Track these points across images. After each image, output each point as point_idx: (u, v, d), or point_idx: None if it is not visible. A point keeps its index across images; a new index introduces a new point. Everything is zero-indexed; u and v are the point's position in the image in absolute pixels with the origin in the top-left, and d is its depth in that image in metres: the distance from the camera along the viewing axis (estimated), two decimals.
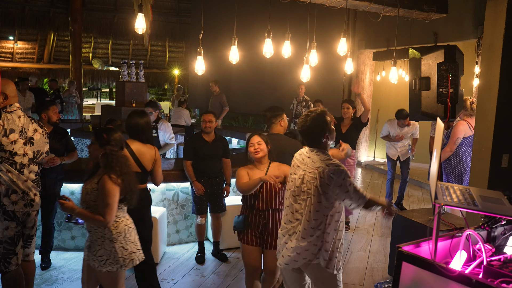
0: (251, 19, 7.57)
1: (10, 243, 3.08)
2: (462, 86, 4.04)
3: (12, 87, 3.11)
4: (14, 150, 3.02)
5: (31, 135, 3.16)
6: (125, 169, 2.80)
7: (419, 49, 3.90)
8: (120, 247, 2.81)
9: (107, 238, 2.79)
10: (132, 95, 7.54)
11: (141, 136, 3.52)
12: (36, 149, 3.19)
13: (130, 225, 2.93)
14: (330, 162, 2.59)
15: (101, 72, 16.83)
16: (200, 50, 4.04)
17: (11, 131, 3.00)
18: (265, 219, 3.27)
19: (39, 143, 3.22)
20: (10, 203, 3.05)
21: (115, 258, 2.79)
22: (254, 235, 3.30)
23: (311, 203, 2.58)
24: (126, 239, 2.85)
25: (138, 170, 3.41)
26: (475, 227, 2.36)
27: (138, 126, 3.51)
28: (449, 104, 3.54)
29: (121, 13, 15.42)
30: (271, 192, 3.25)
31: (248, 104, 11.19)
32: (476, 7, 6.55)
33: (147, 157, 3.50)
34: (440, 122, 2.63)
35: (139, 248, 2.94)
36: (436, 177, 2.16)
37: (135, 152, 3.45)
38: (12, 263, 3.10)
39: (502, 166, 4.01)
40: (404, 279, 2.15)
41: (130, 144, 3.45)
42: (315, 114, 2.70)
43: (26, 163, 3.11)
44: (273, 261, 3.24)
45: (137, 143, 3.50)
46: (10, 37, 15.03)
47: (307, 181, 2.61)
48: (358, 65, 9.60)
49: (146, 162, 3.50)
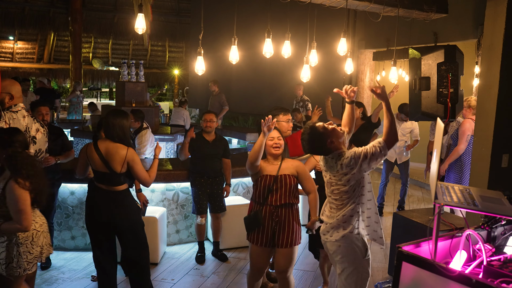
0: (251, 19, 7.57)
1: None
2: (462, 86, 4.04)
3: (18, 87, 3.23)
4: None
5: (34, 134, 3.25)
6: (32, 171, 2.69)
7: (419, 49, 3.90)
8: (26, 251, 2.75)
9: (13, 241, 2.72)
10: (132, 95, 7.54)
11: (113, 135, 3.30)
12: (37, 148, 3.28)
13: (38, 228, 2.86)
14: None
15: (101, 72, 16.85)
16: (200, 50, 4.04)
17: None
18: (278, 216, 3.16)
19: (40, 142, 3.32)
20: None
21: (19, 262, 2.72)
22: (265, 234, 3.16)
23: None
24: (33, 243, 2.79)
25: (106, 170, 3.25)
26: (475, 227, 2.36)
27: (109, 124, 3.30)
28: (449, 104, 3.54)
29: (121, 13, 15.44)
30: (286, 186, 3.17)
31: (248, 104, 11.17)
32: (476, 7, 6.55)
33: (115, 158, 3.25)
34: (440, 122, 2.63)
35: (44, 250, 2.89)
36: (436, 177, 2.16)
37: (102, 151, 3.26)
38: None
39: (502, 166, 4.02)
40: (404, 279, 2.15)
41: (99, 144, 3.30)
42: (306, 134, 2.81)
43: None
44: (285, 262, 3.19)
45: (108, 142, 3.30)
46: (10, 37, 15.05)
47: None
48: (358, 65, 9.60)
49: (114, 163, 3.24)
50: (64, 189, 4.58)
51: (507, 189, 2.54)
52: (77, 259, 4.52)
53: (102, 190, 3.33)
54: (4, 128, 2.98)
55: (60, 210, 4.65)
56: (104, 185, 3.32)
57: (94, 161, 3.28)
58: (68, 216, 4.69)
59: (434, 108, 3.78)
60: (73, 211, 4.69)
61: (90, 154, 3.28)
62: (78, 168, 3.42)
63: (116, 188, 3.33)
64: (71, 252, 4.68)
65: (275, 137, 3.22)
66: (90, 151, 3.28)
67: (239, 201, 5.09)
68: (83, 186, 4.64)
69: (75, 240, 4.74)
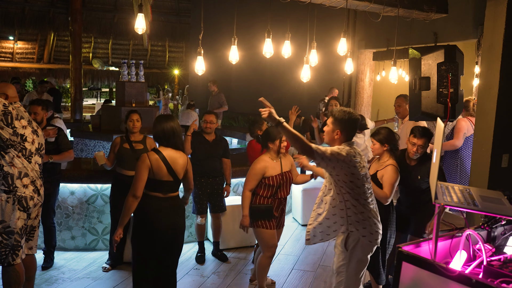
0: (251, 19, 7.58)
1: (20, 235, 3.14)
2: (462, 86, 4.03)
3: (12, 88, 3.31)
4: (25, 135, 3.15)
5: (35, 128, 3.32)
6: None
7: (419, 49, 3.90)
8: None
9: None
10: (132, 95, 7.53)
11: (177, 143, 3.16)
12: (40, 141, 3.32)
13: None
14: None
15: (101, 72, 16.84)
16: (200, 50, 4.04)
17: (21, 117, 3.16)
18: (283, 205, 3.81)
19: (41, 137, 3.36)
20: (22, 186, 3.12)
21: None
22: (276, 220, 3.77)
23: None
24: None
25: (170, 179, 3.07)
26: (475, 227, 2.36)
27: (169, 132, 3.14)
28: (449, 104, 3.53)
29: (121, 13, 15.43)
30: (288, 181, 3.79)
31: (248, 104, 11.18)
32: (476, 7, 6.55)
33: (179, 165, 3.15)
34: (440, 122, 2.63)
35: None
36: (436, 177, 2.16)
37: (168, 160, 3.07)
38: (19, 256, 3.16)
39: (502, 166, 4.02)
40: (404, 279, 2.15)
41: (163, 152, 3.10)
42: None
43: (34, 151, 3.22)
44: (279, 238, 3.91)
45: (168, 150, 3.12)
46: (10, 37, 15.05)
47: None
48: (358, 65, 9.59)
49: (179, 170, 3.15)
50: (64, 189, 4.58)
51: (507, 189, 2.54)
52: (77, 259, 4.52)
53: (161, 199, 3.09)
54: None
55: (60, 210, 4.65)
56: (162, 193, 3.09)
57: (161, 172, 3.04)
58: (68, 216, 4.69)
59: (434, 108, 3.78)
60: (73, 211, 4.69)
61: (156, 164, 3.03)
62: (139, 186, 3.02)
63: (175, 194, 3.18)
64: (71, 252, 4.68)
65: (285, 139, 3.70)
66: (156, 162, 3.04)
67: (239, 201, 5.08)
68: (83, 186, 4.64)
69: (75, 240, 4.74)
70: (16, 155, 3.10)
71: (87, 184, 4.63)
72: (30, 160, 3.18)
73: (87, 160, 5.48)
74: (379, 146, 3.59)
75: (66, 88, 17.42)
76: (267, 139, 3.74)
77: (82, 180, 4.57)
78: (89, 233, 4.74)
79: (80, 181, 4.57)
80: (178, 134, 3.17)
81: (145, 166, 3.01)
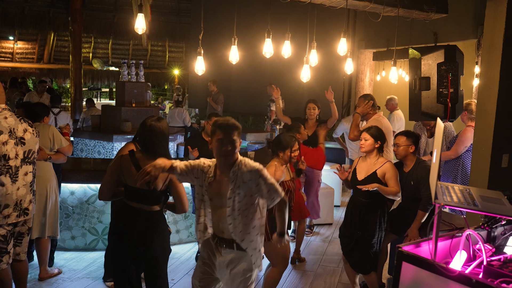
0: (251, 19, 7.57)
1: (3, 241, 3.03)
2: (462, 86, 4.04)
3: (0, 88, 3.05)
4: (7, 152, 2.95)
5: (21, 135, 3.06)
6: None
7: (419, 49, 3.91)
8: None
9: None
10: (132, 95, 7.54)
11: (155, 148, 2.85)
12: (27, 149, 3.10)
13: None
14: None
15: (101, 72, 16.83)
16: (200, 50, 4.04)
17: (0, 132, 2.93)
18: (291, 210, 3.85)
19: (30, 142, 3.12)
20: (2, 218, 2.98)
21: None
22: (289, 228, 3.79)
23: None
24: None
25: (144, 187, 2.71)
26: (475, 227, 2.36)
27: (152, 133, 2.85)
28: (449, 104, 3.54)
29: (121, 13, 15.42)
30: (297, 188, 3.95)
31: (248, 104, 11.17)
32: (476, 7, 6.55)
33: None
34: (440, 122, 2.63)
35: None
36: (436, 177, 2.16)
37: (140, 164, 2.74)
38: (4, 261, 3.06)
39: (502, 166, 4.01)
40: (404, 279, 2.15)
41: (137, 155, 2.83)
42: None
43: (19, 164, 3.04)
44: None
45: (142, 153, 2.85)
46: (10, 37, 15.04)
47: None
48: (358, 65, 9.59)
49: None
50: (64, 189, 4.58)
51: (507, 189, 2.54)
52: (77, 259, 4.52)
53: (133, 210, 2.80)
54: None
55: (60, 210, 4.64)
56: (137, 203, 2.80)
57: (131, 175, 2.75)
58: (68, 216, 4.69)
59: (434, 108, 3.79)
60: (73, 211, 4.69)
61: (125, 166, 2.77)
62: (105, 187, 2.83)
63: (152, 207, 2.82)
64: (71, 252, 4.68)
65: (297, 149, 3.69)
66: (126, 163, 2.77)
67: None
68: (83, 186, 4.64)
69: (75, 240, 4.74)
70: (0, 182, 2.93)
71: (87, 184, 4.63)
72: (16, 177, 3.01)
73: (87, 160, 5.49)
74: (372, 142, 3.54)
75: (66, 88, 17.41)
76: (278, 147, 3.62)
77: (82, 180, 4.57)
78: (89, 233, 4.74)
79: (80, 181, 4.57)
80: (160, 142, 2.83)
81: (113, 168, 2.81)
